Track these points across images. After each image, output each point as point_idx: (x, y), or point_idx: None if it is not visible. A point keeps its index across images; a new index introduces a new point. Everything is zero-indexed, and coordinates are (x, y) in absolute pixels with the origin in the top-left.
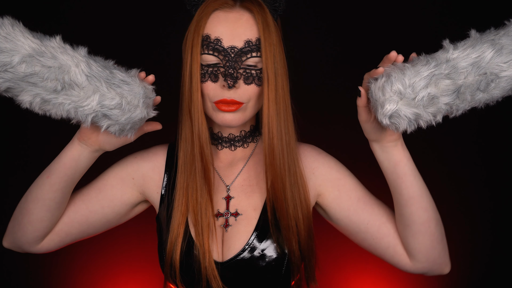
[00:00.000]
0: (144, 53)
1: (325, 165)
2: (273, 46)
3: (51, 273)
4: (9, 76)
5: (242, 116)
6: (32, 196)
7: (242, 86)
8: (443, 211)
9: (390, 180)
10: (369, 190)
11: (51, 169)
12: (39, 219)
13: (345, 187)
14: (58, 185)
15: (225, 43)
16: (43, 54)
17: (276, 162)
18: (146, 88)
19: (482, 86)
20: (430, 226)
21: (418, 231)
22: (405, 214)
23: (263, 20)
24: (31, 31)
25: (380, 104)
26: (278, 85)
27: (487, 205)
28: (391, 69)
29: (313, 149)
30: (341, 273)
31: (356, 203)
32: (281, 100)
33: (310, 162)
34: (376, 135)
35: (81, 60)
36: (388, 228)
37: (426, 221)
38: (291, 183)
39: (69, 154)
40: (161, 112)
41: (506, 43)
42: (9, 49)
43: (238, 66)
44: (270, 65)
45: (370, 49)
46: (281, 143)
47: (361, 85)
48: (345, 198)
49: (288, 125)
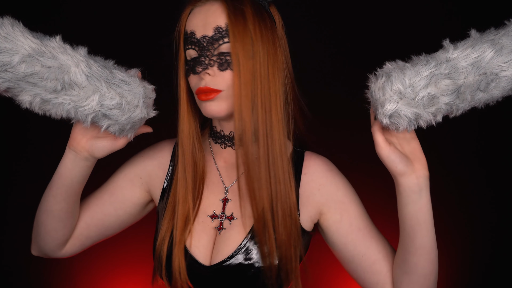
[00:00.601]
0: (144, 53)
1: (333, 184)
2: (248, 32)
3: (52, 273)
4: (9, 76)
5: (225, 105)
6: (42, 209)
7: (218, 73)
8: (442, 212)
9: (407, 225)
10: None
11: (52, 181)
12: (53, 229)
13: (348, 213)
14: (60, 196)
15: (198, 34)
16: (43, 54)
17: (251, 174)
18: (146, 88)
19: (482, 86)
20: (430, 280)
21: (417, 281)
22: (410, 262)
23: (233, 6)
24: (31, 31)
25: (380, 104)
26: (256, 74)
27: (487, 205)
28: (391, 68)
29: (324, 164)
30: (341, 273)
31: (356, 233)
32: (260, 91)
33: (318, 177)
34: (402, 165)
35: (81, 60)
36: (382, 266)
37: (428, 274)
38: (276, 198)
39: (63, 164)
40: (161, 112)
41: (506, 43)
42: (9, 49)
43: (211, 53)
44: (241, 50)
45: (370, 50)
46: (259, 148)
47: (359, 86)
48: (346, 225)
49: (272, 124)
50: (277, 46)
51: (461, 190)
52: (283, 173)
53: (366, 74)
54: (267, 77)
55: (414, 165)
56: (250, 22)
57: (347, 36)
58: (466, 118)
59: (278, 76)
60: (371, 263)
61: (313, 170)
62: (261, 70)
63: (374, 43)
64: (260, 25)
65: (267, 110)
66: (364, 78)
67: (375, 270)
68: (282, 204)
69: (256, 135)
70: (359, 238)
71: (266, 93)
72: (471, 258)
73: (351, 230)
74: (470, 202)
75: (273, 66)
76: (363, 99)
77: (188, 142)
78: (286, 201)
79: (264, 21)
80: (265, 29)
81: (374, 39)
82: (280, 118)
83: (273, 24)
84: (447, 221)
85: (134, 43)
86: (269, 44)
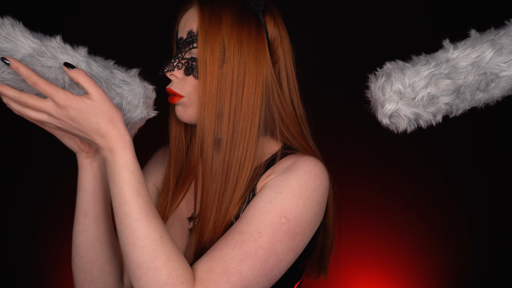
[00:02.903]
0: (144, 53)
1: (285, 173)
2: (220, 38)
3: (54, 273)
4: (10, 77)
5: (190, 111)
6: (85, 245)
7: (184, 77)
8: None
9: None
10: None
11: (82, 206)
12: (108, 261)
13: (251, 202)
14: (101, 215)
15: (178, 36)
16: (43, 54)
17: (205, 186)
18: (146, 88)
19: (482, 86)
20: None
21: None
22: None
23: (210, 11)
24: (31, 31)
25: (380, 104)
26: (226, 82)
27: (485, 206)
28: (391, 68)
29: (294, 159)
30: (341, 273)
31: (239, 220)
32: (229, 101)
33: (275, 170)
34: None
35: (81, 60)
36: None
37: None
38: (220, 214)
39: (86, 179)
40: (161, 112)
41: (506, 43)
42: (9, 49)
43: (181, 56)
44: (210, 56)
45: (370, 50)
46: (220, 159)
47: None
48: (248, 208)
49: (238, 136)
50: (260, 56)
51: (459, 191)
52: (232, 192)
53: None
54: (241, 87)
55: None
56: (226, 29)
57: (344, 37)
58: (464, 119)
59: (256, 89)
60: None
61: (279, 165)
62: (234, 80)
63: (374, 43)
64: (239, 33)
65: (236, 120)
66: (349, 81)
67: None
68: (222, 219)
69: (219, 145)
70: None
71: (237, 103)
72: (470, 260)
73: (243, 214)
74: (468, 204)
75: (251, 78)
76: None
77: (173, 144)
78: (226, 219)
79: (247, 29)
80: (247, 38)
81: (374, 39)
82: (251, 129)
83: (262, 34)
84: (445, 222)
85: (134, 43)
86: (249, 54)
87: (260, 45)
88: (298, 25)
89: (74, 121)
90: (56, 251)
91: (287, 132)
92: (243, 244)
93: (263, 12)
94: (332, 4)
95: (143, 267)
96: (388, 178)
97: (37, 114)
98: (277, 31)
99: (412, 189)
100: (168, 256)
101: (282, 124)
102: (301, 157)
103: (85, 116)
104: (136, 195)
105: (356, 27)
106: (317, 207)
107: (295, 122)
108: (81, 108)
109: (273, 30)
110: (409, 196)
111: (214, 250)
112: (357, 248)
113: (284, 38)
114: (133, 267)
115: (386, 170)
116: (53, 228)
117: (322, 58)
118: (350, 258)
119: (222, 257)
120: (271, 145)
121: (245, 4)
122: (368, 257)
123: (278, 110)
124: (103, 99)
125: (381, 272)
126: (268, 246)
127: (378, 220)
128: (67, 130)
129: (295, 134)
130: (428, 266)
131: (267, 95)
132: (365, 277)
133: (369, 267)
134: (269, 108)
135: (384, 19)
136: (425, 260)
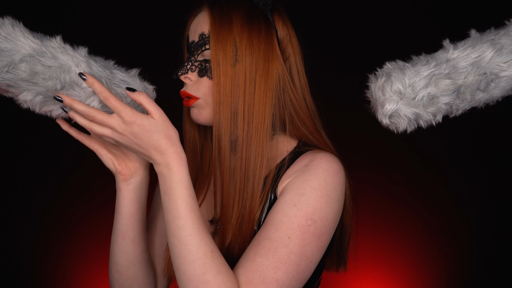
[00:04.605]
0: (145, 53)
1: (305, 173)
2: (232, 39)
3: (55, 273)
4: (10, 77)
5: (205, 112)
6: (124, 264)
7: (198, 79)
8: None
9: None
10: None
11: (120, 227)
12: (145, 276)
13: (275, 206)
14: (139, 236)
15: (189, 40)
16: (43, 54)
17: (226, 186)
18: (146, 89)
19: (482, 86)
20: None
21: None
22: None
23: (220, 13)
24: (31, 31)
25: (380, 104)
26: (239, 82)
27: (483, 207)
28: (391, 68)
29: (312, 157)
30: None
31: (264, 224)
32: (242, 100)
33: (294, 169)
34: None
35: (81, 60)
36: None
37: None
38: (244, 212)
39: (125, 202)
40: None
41: (506, 43)
42: (9, 49)
43: (194, 59)
44: (222, 57)
45: (370, 50)
46: (237, 159)
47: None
48: (273, 208)
49: (252, 136)
50: (270, 56)
51: (458, 192)
52: (252, 189)
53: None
54: (253, 87)
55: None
56: (237, 29)
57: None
58: (461, 120)
59: (267, 87)
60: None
61: (296, 164)
62: (246, 79)
63: (373, 44)
64: (249, 33)
65: (250, 118)
66: (340, 84)
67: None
68: (247, 217)
69: (235, 146)
70: (262, 228)
71: (250, 103)
72: (468, 260)
73: (268, 216)
74: (467, 205)
75: (262, 75)
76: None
77: (189, 149)
78: (250, 217)
79: (256, 29)
80: (257, 38)
81: (373, 40)
82: (264, 129)
83: (271, 33)
84: (444, 224)
85: (135, 43)
86: (259, 53)
87: (270, 43)
88: (298, 25)
89: (136, 137)
90: (57, 252)
91: (303, 126)
92: (275, 251)
93: (271, 12)
94: (332, 4)
95: (194, 280)
96: (387, 179)
97: (102, 129)
98: (286, 30)
99: (411, 190)
100: (218, 269)
101: (298, 119)
102: (317, 154)
103: (147, 133)
104: (190, 211)
105: (356, 27)
106: (338, 204)
107: (309, 117)
108: (145, 125)
109: (282, 28)
110: (408, 197)
111: (248, 261)
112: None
113: (292, 36)
114: (185, 280)
115: (386, 171)
116: (54, 229)
117: (322, 59)
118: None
119: (257, 267)
120: (287, 142)
121: (253, 5)
122: (368, 257)
123: (293, 105)
124: (163, 118)
125: (380, 272)
126: (299, 250)
127: (378, 221)
128: (126, 145)
129: (310, 128)
130: (427, 266)
131: (281, 91)
132: (365, 277)
133: (369, 267)
134: (284, 103)
135: (384, 19)
136: (424, 260)
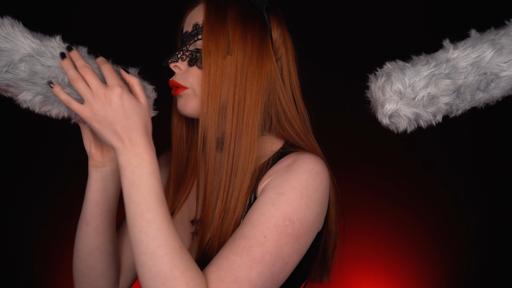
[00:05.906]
0: (144, 52)
1: (286, 172)
2: (225, 31)
3: (55, 275)
4: (9, 76)
5: (193, 103)
6: (85, 251)
7: (188, 69)
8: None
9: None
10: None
11: (86, 214)
12: (106, 267)
13: (254, 205)
14: (103, 226)
15: (183, 31)
16: (43, 54)
17: (209, 184)
18: (146, 88)
19: (482, 86)
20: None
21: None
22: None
23: (216, 6)
24: (31, 31)
25: (380, 104)
26: (230, 75)
27: (483, 208)
28: (391, 68)
29: (294, 158)
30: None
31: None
32: (232, 94)
33: (277, 168)
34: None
35: None
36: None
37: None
38: (227, 210)
39: (93, 189)
40: (161, 112)
41: (506, 43)
42: (9, 49)
43: (186, 48)
44: (214, 48)
45: (370, 50)
46: (224, 156)
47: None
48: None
49: (242, 132)
50: (264, 50)
51: (457, 193)
52: (240, 183)
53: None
54: (244, 79)
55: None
56: (231, 22)
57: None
58: (461, 121)
59: (259, 79)
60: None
61: (279, 164)
62: (237, 72)
63: (373, 44)
64: (243, 27)
65: (240, 115)
66: (349, 82)
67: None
68: (232, 213)
69: (222, 142)
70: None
71: (241, 97)
72: (468, 261)
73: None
74: (466, 206)
75: (255, 71)
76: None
77: (175, 143)
78: (235, 212)
79: (251, 24)
80: (251, 33)
81: (373, 39)
82: (255, 124)
83: (265, 30)
84: (443, 225)
85: (134, 43)
86: (252, 48)
87: (263, 40)
88: (298, 25)
89: (117, 110)
90: (58, 253)
91: (290, 128)
92: (250, 250)
93: (267, 11)
94: (332, 4)
95: (161, 276)
96: (386, 181)
97: (85, 89)
98: (280, 30)
99: (411, 191)
100: (186, 266)
101: (285, 120)
102: (301, 155)
103: (130, 110)
104: (160, 203)
105: (356, 27)
106: (319, 207)
107: (298, 118)
108: (131, 102)
109: (276, 28)
110: (408, 198)
111: (221, 258)
112: (356, 250)
113: (287, 38)
114: (150, 277)
115: (385, 173)
116: (55, 230)
117: (321, 59)
118: (348, 260)
119: (230, 265)
120: (273, 142)
121: (249, 2)
122: (367, 258)
123: (282, 105)
124: (147, 108)
125: (380, 273)
126: (274, 250)
127: (377, 222)
128: (102, 116)
129: (298, 130)
130: (427, 267)
131: (270, 89)
132: (364, 278)
133: (368, 268)
134: (273, 102)
135: (384, 19)
136: (424, 261)
